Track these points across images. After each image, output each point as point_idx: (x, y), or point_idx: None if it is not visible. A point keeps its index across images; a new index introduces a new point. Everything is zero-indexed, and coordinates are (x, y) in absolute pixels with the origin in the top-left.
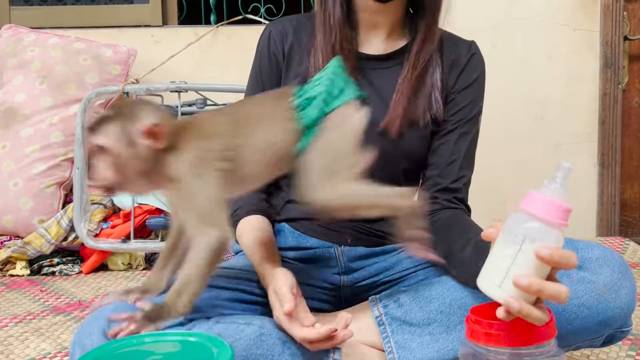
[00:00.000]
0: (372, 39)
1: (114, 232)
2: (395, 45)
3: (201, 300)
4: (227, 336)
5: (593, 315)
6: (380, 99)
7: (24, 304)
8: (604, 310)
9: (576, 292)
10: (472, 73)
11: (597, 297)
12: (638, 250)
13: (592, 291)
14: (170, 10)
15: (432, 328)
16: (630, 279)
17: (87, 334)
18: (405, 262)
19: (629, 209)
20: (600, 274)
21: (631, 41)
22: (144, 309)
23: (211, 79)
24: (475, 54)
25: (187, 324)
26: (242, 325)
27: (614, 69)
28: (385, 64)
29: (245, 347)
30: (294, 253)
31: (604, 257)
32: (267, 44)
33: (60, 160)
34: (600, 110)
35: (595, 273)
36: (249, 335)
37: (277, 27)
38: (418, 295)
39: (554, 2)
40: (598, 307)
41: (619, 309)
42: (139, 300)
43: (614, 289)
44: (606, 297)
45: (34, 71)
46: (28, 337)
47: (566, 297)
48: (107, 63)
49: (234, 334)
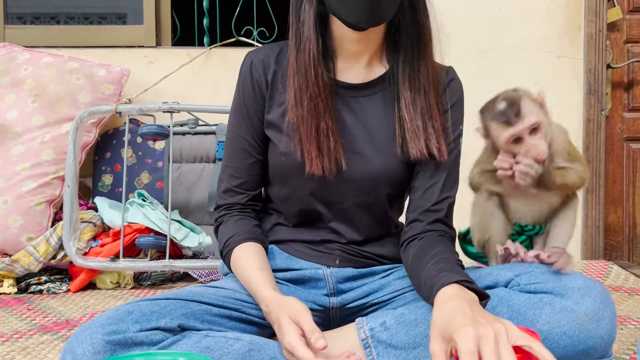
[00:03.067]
0: (353, 67)
1: (103, 251)
2: (376, 73)
3: (192, 314)
4: (216, 349)
5: (574, 344)
6: (362, 127)
7: (10, 322)
8: (585, 339)
9: (558, 321)
10: (452, 97)
11: (579, 327)
12: (621, 273)
13: (574, 320)
14: (164, 32)
15: (417, 352)
16: (611, 309)
17: (78, 341)
18: (394, 284)
19: (613, 232)
20: (582, 304)
21: (614, 69)
22: None
23: (203, 99)
24: (454, 79)
25: (178, 334)
26: (232, 340)
27: (598, 96)
28: (366, 92)
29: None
30: (283, 274)
31: (586, 287)
32: (250, 72)
33: (51, 178)
34: (584, 135)
35: (577, 302)
36: (238, 350)
37: (259, 57)
38: (404, 319)
39: (539, 30)
40: (579, 336)
41: (600, 339)
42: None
43: (595, 319)
44: (587, 327)
45: (27, 89)
46: (15, 357)
47: None
48: (100, 82)
49: (223, 347)
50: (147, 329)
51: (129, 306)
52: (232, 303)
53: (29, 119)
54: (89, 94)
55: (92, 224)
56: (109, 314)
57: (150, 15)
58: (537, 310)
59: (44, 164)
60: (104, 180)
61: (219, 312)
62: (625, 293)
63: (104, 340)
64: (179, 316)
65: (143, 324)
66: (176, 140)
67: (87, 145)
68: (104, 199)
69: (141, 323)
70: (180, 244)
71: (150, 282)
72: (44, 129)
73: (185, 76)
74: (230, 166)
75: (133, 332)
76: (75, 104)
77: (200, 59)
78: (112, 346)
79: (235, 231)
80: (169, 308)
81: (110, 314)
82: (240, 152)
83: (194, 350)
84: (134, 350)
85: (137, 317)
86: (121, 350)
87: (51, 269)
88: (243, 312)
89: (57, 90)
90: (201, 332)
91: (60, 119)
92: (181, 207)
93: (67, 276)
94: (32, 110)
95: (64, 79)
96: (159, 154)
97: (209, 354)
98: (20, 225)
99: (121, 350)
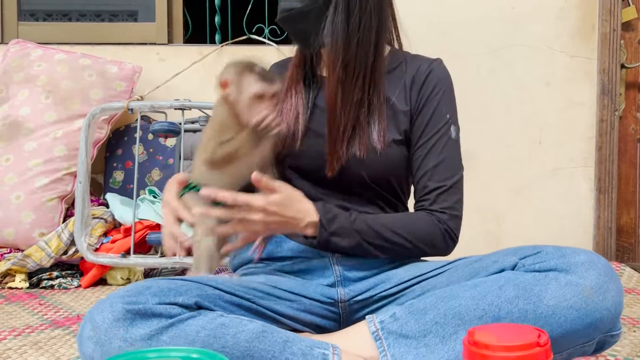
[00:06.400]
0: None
1: (114, 247)
2: None
3: (207, 296)
4: (231, 326)
5: (582, 317)
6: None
7: (22, 317)
8: (592, 312)
9: (564, 295)
10: (431, 87)
11: (585, 299)
12: (634, 275)
13: (580, 294)
14: (175, 29)
15: (427, 339)
16: (616, 282)
17: (98, 310)
18: (401, 274)
19: (625, 234)
20: (587, 277)
21: (628, 69)
22: None
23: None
24: (434, 70)
25: (194, 311)
26: (246, 321)
27: (611, 96)
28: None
29: (248, 339)
30: (290, 265)
31: (590, 261)
32: None
33: (63, 174)
34: (597, 136)
35: (582, 276)
36: (252, 330)
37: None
38: (413, 308)
39: (552, 29)
40: (586, 309)
41: (607, 310)
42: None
43: (601, 291)
44: (593, 299)
45: (40, 86)
46: (26, 351)
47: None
48: (112, 79)
49: (238, 325)
50: (165, 302)
51: (148, 282)
52: (244, 292)
53: (41, 116)
54: (101, 90)
55: (103, 220)
56: (128, 288)
57: (162, 12)
58: (543, 286)
59: (56, 160)
60: (115, 176)
61: (230, 299)
62: (638, 295)
63: (124, 308)
64: (195, 296)
65: (162, 297)
66: (187, 138)
67: (99, 142)
68: (115, 196)
69: (159, 297)
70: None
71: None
72: (56, 125)
73: (197, 73)
74: None
75: (152, 304)
76: (88, 100)
77: (212, 56)
78: (132, 315)
79: None
80: (185, 287)
81: (129, 288)
82: None
83: (209, 325)
84: (152, 321)
85: (156, 291)
86: (140, 319)
87: (62, 264)
88: (254, 303)
89: (70, 87)
90: (216, 311)
91: (72, 115)
92: None
93: (78, 272)
94: (44, 107)
95: (76, 76)
96: (170, 151)
97: (224, 330)
98: (32, 221)
99: (140, 319)
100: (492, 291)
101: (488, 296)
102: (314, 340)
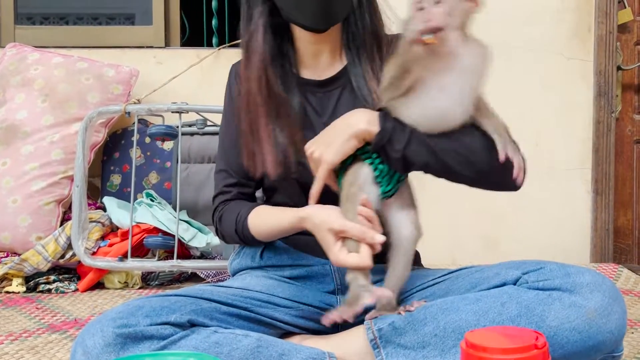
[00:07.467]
0: (316, 65)
1: (111, 251)
2: (334, 70)
3: (202, 311)
4: (224, 344)
5: (584, 340)
6: (322, 123)
7: (19, 321)
8: (595, 334)
9: (567, 316)
10: None
11: (588, 322)
12: (631, 277)
13: (583, 316)
14: (172, 32)
15: (426, 352)
16: (620, 304)
17: (90, 334)
18: None
19: (623, 235)
20: (591, 299)
21: (624, 71)
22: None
23: (212, 100)
24: None
25: (187, 329)
26: (240, 336)
27: (608, 97)
28: (325, 88)
29: (242, 357)
30: (290, 271)
31: (594, 283)
32: (236, 82)
33: (60, 178)
34: (594, 138)
35: (586, 298)
36: (247, 346)
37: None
38: (413, 319)
39: (549, 31)
40: (589, 331)
41: (610, 334)
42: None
43: (605, 314)
44: (597, 322)
45: (37, 89)
46: (24, 355)
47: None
48: (109, 83)
49: (232, 342)
50: (157, 323)
51: (140, 301)
52: (240, 301)
53: (38, 119)
54: (98, 94)
55: (100, 223)
56: (120, 309)
57: (159, 15)
58: (546, 306)
59: (53, 163)
60: (113, 180)
61: (227, 310)
62: (635, 297)
63: (114, 333)
64: (188, 312)
65: (153, 318)
66: (185, 141)
67: (96, 145)
68: (112, 199)
69: (152, 317)
70: (188, 244)
71: (158, 282)
72: (53, 128)
73: (194, 77)
74: (224, 170)
75: (143, 325)
76: (85, 104)
77: (209, 59)
78: (123, 339)
79: (240, 207)
80: (179, 304)
81: (121, 309)
82: (234, 149)
83: (202, 345)
84: (143, 344)
85: (148, 311)
86: (131, 343)
87: (60, 268)
88: (252, 311)
89: (67, 90)
90: (210, 328)
91: (69, 118)
92: (189, 207)
93: (75, 275)
94: (41, 110)
95: (73, 79)
96: (167, 154)
97: (217, 349)
98: (29, 225)
99: (131, 343)
100: (494, 307)
101: (490, 313)
102: (311, 349)
